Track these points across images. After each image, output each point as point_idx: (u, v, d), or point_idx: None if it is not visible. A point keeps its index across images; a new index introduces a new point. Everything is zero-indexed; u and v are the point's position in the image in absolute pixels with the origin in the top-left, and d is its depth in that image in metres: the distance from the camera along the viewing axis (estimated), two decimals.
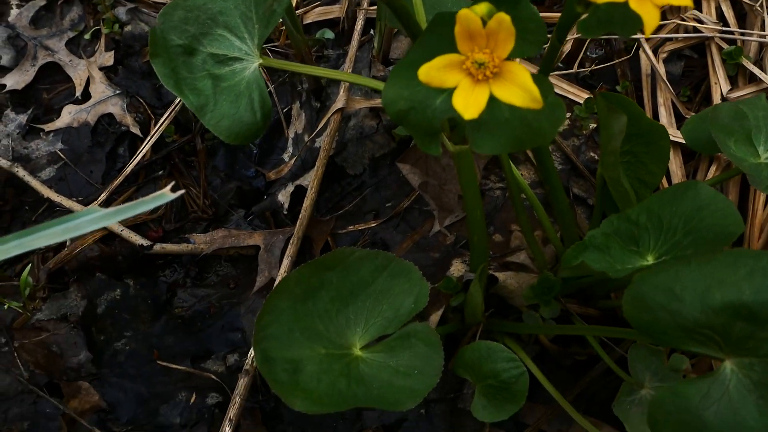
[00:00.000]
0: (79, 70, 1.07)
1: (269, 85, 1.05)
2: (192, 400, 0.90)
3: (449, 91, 0.65)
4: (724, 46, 1.04)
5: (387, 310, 0.77)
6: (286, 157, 1.03)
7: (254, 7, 0.76)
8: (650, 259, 0.74)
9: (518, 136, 0.64)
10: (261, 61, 0.74)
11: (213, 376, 0.91)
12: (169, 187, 0.50)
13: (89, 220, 0.52)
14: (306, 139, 1.00)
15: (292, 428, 0.90)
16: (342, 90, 0.97)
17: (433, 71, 0.57)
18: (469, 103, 0.57)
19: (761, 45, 1.04)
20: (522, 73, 0.56)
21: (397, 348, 0.75)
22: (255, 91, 0.74)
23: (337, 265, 0.77)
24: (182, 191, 0.49)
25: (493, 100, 0.64)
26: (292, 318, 0.75)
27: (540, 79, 0.58)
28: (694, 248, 0.72)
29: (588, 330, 0.84)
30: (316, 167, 0.94)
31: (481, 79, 0.57)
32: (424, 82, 0.58)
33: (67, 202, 0.98)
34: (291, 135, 1.02)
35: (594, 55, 1.11)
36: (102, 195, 0.99)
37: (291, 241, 0.92)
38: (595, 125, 1.02)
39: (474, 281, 0.81)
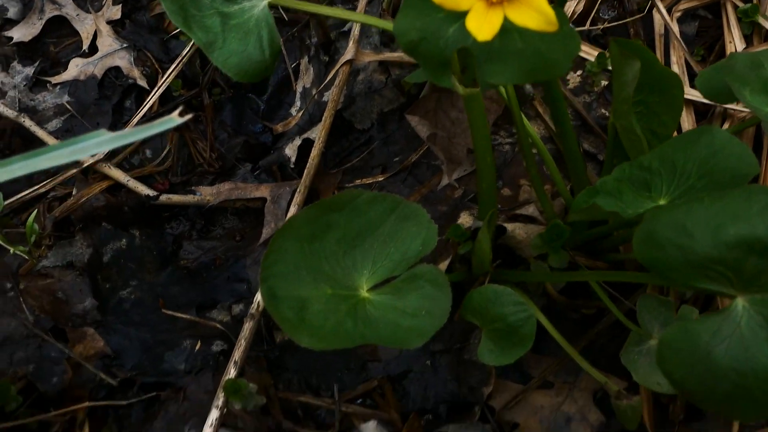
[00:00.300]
0: (86, 24, 1.07)
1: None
2: (197, 348, 0.90)
3: (461, 21, 0.65)
4: (740, 4, 1.03)
5: (394, 253, 0.76)
6: (293, 111, 1.02)
7: None
8: (662, 203, 0.74)
9: (531, 66, 0.63)
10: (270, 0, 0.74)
11: (218, 325, 0.91)
12: (177, 111, 0.49)
13: (96, 143, 0.51)
14: (314, 93, 1.00)
15: (297, 377, 0.90)
16: (351, 42, 0.96)
17: None
18: (482, 25, 0.56)
19: None
20: None
21: (404, 289, 0.75)
22: (264, 29, 0.73)
23: (345, 206, 0.77)
24: (190, 115, 0.48)
25: (505, 30, 0.64)
26: (299, 257, 0.74)
27: (554, 9, 0.57)
28: (709, 191, 0.71)
29: (596, 276, 0.83)
30: (324, 118, 0.93)
31: (496, 2, 0.57)
32: (438, 4, 0.57)
33: None
34: (299, 89, 1.02)
35: (606, 17, 1.10)
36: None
37: (298, 191, 0.91)
38: (606, 82, 1.01)
39: (482, 228, 0.80)
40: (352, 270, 0.76)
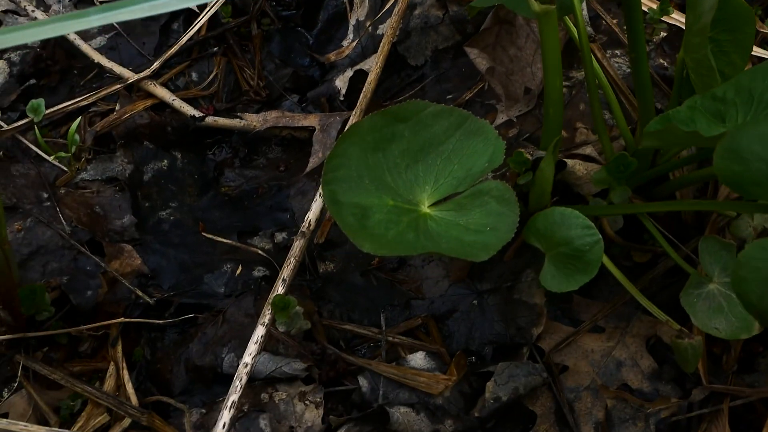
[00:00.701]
0: None
1: None
2: (238, 272, 0.87)
3: None
4: None
5: (458, 170, 0.74)
6: (345, 44, 1.00)
7: None
8: None
9: None
10: None
11: (260, 252, 0.88)
12: None
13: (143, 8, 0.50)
14: (368, 26, 0.97)
15: (340, 309, 0.87)
16: None
17: None
18: None
19: None
20: None
21: (468, 206, 0.72)
22: None
23: (411, 117, 0.74)
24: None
25: None
26: (362, 165, 0.72)
27: None
28: None
29: (657, 206, 0.80)
30: (381, 45, 0.91)
31: None
32: None
33: (118, 69, 0.95)
34: (352, 22, 1.00)
35: None
36: (155, 64, 0.95)
37: (353, 115, 0.88)
38: (665, 34, 0.99)
39: (547, 156, 0.78)
40: (414, 184, 0.73)
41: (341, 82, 0.96)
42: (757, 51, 0.95)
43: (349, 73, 0.96)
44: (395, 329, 0.86)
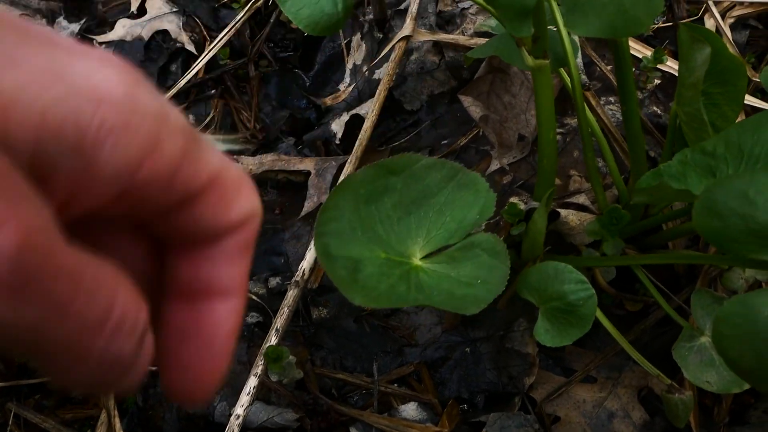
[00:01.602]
0: None
1: None
2: None
3: None
4: None
5: (450, 222, 0.74)
6: (341, 88, 1.00)
7: None
8: None
9: (613, 21, 0.62)
10: None
11: (254, 297, 0.88)
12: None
13: None
14: (365, 70, 0.98)
15: (332, 356, 0.87)
16: (409, 19, 0.95)
17: None
18: None
19: None
20: None
21: (459, 258, 0.72)
22: None
23: (403, 170, 0.74)
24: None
25: None
26: (355, 218, 0.72)
27: None
28: None
29: (650, 258, 0.81)
30: (378, 92, 0.91)
31: None
32: None
33: None
34: (349, 66, 1.00)
35: (656, 22, 1.09)
36: None
37: (349, 162, 0.89)
38: (659, 81, 1.00)
39: (539, 207, 0.78)
40: (406, 237, 0.74)
41: (337, 126, 0.97)
42: (749, 100, 0.96)
43: (345, 117, 0.96)
44: (388, 376, 0.86)
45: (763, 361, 0.59)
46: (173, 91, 0.98)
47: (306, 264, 0.81)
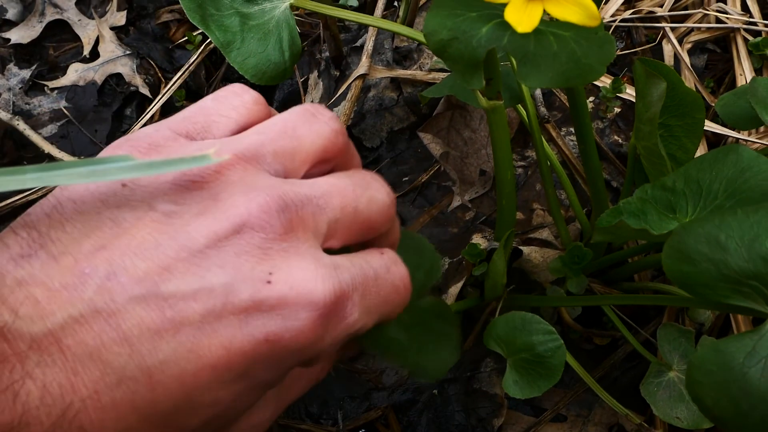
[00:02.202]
0: (88, 30, 1.03)
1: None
2: None
3: (495, 21, 0.62)
4: (750, 38, 1.03)
5: None
6: None
7: None
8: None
9: (565, 71, 0.61)
10: (291, 0, 0.71)
11: None
12: (213, 150, 0.43)
13: (119, 168, 0.43)
14: None
15: (297, 405, 0.85)
16: (365, 56, 0.94)
17: None
18: (522, 18, 0.54)
19: None
20: None
21: (408, 322, 0.70)
22: (284, 30, 0.71)
23: None
24: (227, 156, 0.42)
25: (541, 33, 0.62)
26: None
27: None
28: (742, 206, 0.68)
29: (615, 299, 0.80)
30: None
31: None
32: None
33: (68, 158, 0.93)
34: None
35: (615, 48, 1.09)
36: None
37: None
38: (619, 110, 0.99)
39: (498, 249, 0.77)
40: None
41: None
42: (711, 126, 0.96)
43: None
44: (354, 422, 0.84)
45: (739, 410, 0.58)
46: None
47: None
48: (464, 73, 0.63)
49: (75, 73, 1.00)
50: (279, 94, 1.03)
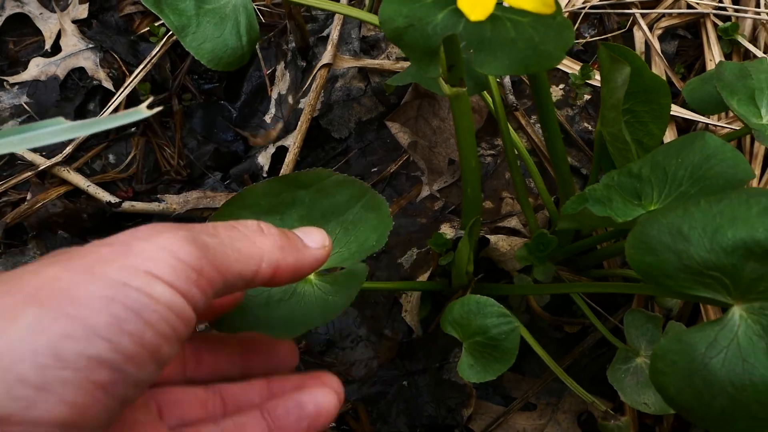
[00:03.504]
0: (50, 23, 1.02)
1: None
2: None
3: (451, 7, 0.62)
4: (719, 23, 1.03)
5: (353, 242, 0.70)
6: (268, 119, 0.98)
7: None
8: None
9: (523, 57, 0.60)
10: None
11: None
12: (145, 104, 0.44)
13: (51, 132, 0.44)
14: (290, 100, 0.96)
15: None
16: (330, 46, 0.93)
17: None
18: (475, 6, 0.53)
19: (755, 23, 1.02)
20: None
21: (341, 284, 0.67)
22: (242, 14, 0.69)
23: (312, 184, 0.70)
24: (160, 108, 0.43)
25: (497, 19, 0.61)
26: None
27: None
28: (705, 195, 0.68)
29: (582, 287, 0.79)
30: (300, 123, 0.89)
31: None
32: None
33: (29, 155, 0.92)
34: (274, 96, 0.98)
35: (587, 34, 1.08)
36: (68, 149, 0.92)
37: None
38: (589, 96, 0.99)
39: (463, 237, 0.76)
40: None
41: (264, 159, 0.94)
42: (680, 111, 0.95)
43: (272, 149, 0.94)
44: None
45: (701, 399, 0.58)
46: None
47: None
48: (421, 61, 0.62)
49: (36, 68, 0.98)
50: (247, 86, 1.02)
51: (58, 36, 1.01)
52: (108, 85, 0.97)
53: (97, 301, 0.34)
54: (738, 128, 0.94)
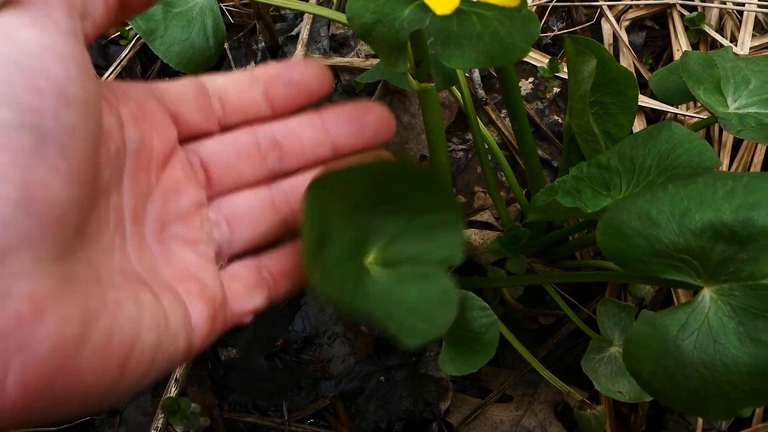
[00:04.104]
0: None
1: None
2: None
3: (417, 2, 0.62)
4: (686, 13, 1.04)
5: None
6: None
7: None
8: None
9: (489, 51, 0.60)
10: None
11: None
12: None
13: None
14: None
15: (244, 398, 0.84)
16: (300, 46, 0.93)
17: None
18: (441, 0, 0.53)
19: (721, 12, 1.04)
20: None
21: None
22: (208, 17, 0.69)
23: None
24: None
25: (463, 13, 0.61)
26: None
27: None
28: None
29: (554, 278, 0.80)
30: None
31: None
32: None
33: None
34: None
35: (555, 27, 1.09)
36: None
37: None
38: (558, 89, 1.00)
39: None
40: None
41: None
42: (648, 102, 0.96)
43: None
44: (303, 413, 0.83)
45: (675, 382, 0.59)
46: None
47: None
48: (389, 56, 0.62)
49: None
50: None
51: None
52: None
53: None
54: (705, 117, 0.95)
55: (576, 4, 1.07)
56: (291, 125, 0.51)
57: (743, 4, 1.02)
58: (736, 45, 0.99)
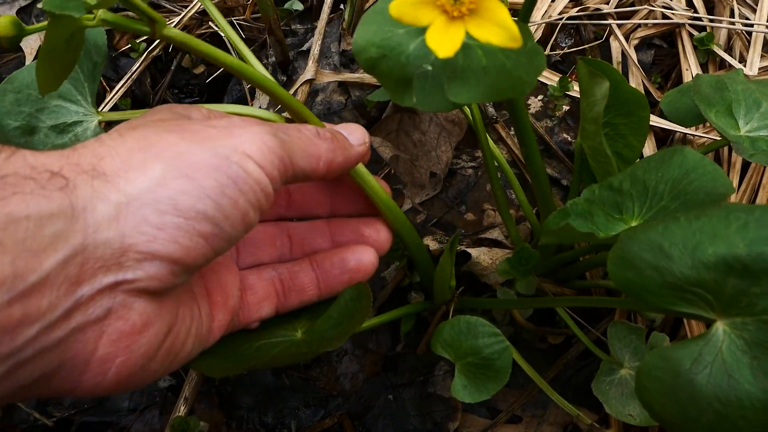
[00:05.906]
0: (29, 40, 1.01)
1: None
2: None
3: (421, 37, 0.61)
4: (695, 33, 1.04)
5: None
6: None
7: (78, 67, 0.72)
8: (635, 225, 0.71)
9: (495, 84, 0.60)
10: (99, 117, 0.72)
11: None
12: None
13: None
14: None
15: (251, 414, 0.84)
16: (311, 61, 0.93)
17: (405, 7, 0.52)
18: (443, 41, 0.52)
19: (730, 33, 1.04)
20: (500, 9, 0.51)
21: None
22: None
23: None
24: None
25: (469, 47, 0.61)
26: None
27: (519, 24, 0.54)
28: (683, 211, 0.68)
29: (565, 301, 0.80)
30: None
31: (457, 17, 0.53)
32: (395, 18, 0.53)
33: None
34: None
35: (564, 44, 1.09)
36: None
37: None
38: (568, 107, 1.00)
39: (444, 255, 0.77)
40: None
41: None
42: (658, 122, 0.96)
43: None
44: (310, 431, 0.83)
45: (688, 416, 0.58)
46: None
47: None
48: (395, 90, 0.61)
49: None
50: (228, 99, 1.02)
51: (38, 53, 1.00)
52: None
53: (207, 167, 0.45)
54: (715, 137, 0.95)
55: (585, 22, 1.07)
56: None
57: (752, 25, 1.02)
58: (745, 65, 0.99)
